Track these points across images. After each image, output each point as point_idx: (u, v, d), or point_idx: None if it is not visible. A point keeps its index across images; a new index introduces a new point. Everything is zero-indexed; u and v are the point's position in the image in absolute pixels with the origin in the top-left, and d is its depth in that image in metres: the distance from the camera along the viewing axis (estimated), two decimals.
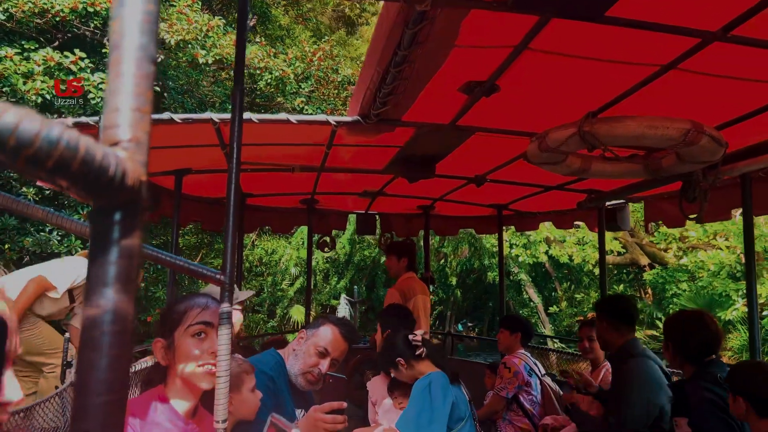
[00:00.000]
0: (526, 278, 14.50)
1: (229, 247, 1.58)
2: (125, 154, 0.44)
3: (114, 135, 0.44)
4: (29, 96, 7.52)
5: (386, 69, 2.31)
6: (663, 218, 4.29)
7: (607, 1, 1.76)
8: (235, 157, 1.60)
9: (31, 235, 7.73)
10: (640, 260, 13.48)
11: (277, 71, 11.50)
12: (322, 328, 2.50)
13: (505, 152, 3.60)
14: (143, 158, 0.46)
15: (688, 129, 2.48)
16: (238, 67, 1.85)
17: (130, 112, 0.45)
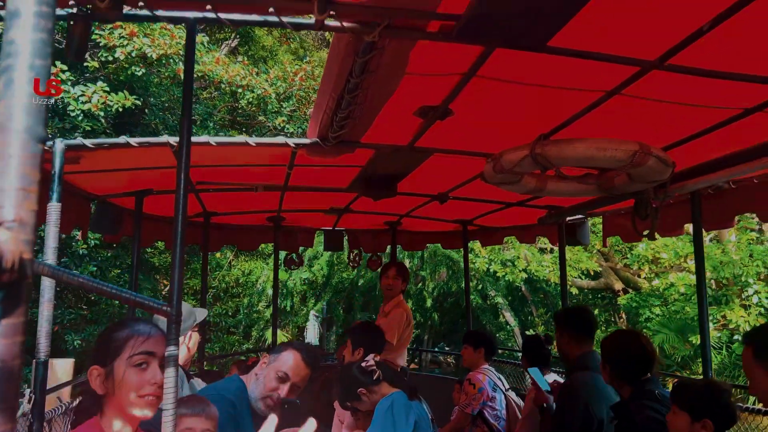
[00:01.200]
0: (503, 301, 14.42)
1: (176, 277, 1.58)
2: (8, 234, 0.46)
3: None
4: None
5: (341, 95, 2.35)
6: (620, 233, 4.39)
7: (548, 32, 1.83)
8: (183, 185, 1.60)
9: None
10: (615, 285, 13.56)
11: (259, 89, 11.53)
12: (284, 353, 2.50)
13: (464, 171, 3.66)
14: (28, 236, 0.47)
15: (636, 150, 2.56)
16: (187, 93, 1.86)
17: (14, 192, 0.47)
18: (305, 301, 15.27)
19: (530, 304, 15.42)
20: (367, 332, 3.79)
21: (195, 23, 1.74)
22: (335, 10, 1.74)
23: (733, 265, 10.43)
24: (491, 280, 14.08)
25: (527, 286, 14.62)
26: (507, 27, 1.80)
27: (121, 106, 8.37)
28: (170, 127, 10.11)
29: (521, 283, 14.03)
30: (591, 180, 3.09)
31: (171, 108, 10.45)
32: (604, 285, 13.84)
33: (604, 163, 2.68)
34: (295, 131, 12.02)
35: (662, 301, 12.07)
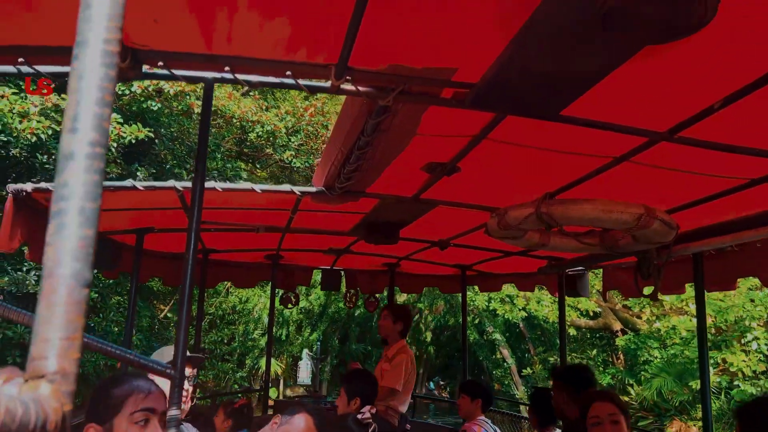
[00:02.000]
0: (501, 338, 14.26)
1: (180, 341, 1.56)
2: (50, 388, 0.45)
3: (41, 367, 0.45)
4: (24, 134, 7.40)
5: (350, 150, 2.36)
6: (620, 288, 4.39)
7: (561, 104, 1.85)
8: (192, 249, 1.60)
9: (8, 274, 7.44)
10: (613, 325, 13.43)
11: (269, 125, 11.64)
12: (297, 417, 2.49)
13: (467, 221, 3.66)
14: (69, 387, 0.46)
15: (641, 213, 2.57)
16: (201, 151, 1.86)
17: (59, 342, 0.46)
18: (301, 331, 15.12)
19: (528, 341, 15.22)
20: (363, 381, 3.73)
21: (213, 83, 1.76)
22: (351, 76, 1.76)
23: (734, 309, 10.39)
24: (489, 316, 13.94)
25: (525, 323, 14.46)
26: (521, 98, 1.82)
27: (134, 138, 8.41)
28: (178, 157, 10.12)
29: (519, 320, 13.90)
30: (594, 238, 3.09)
31: (180, 138, 10.49)
32: (602, 325, 13.67)
33: (609, 225, 2.69)
34: (301, 165, 12.07)
35: (661, 344, 11.94)
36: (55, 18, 1.51)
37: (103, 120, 0.51)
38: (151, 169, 9.50)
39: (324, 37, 1.61)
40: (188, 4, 1.46)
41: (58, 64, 1.66)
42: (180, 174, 9.77)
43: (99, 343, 1.47)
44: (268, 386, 5.94)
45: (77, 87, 0.50)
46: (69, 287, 0.47)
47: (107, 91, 0.51)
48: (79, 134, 0.49)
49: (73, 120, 0.49)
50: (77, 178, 0.49)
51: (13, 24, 1.49)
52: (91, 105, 0.50)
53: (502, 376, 14.63)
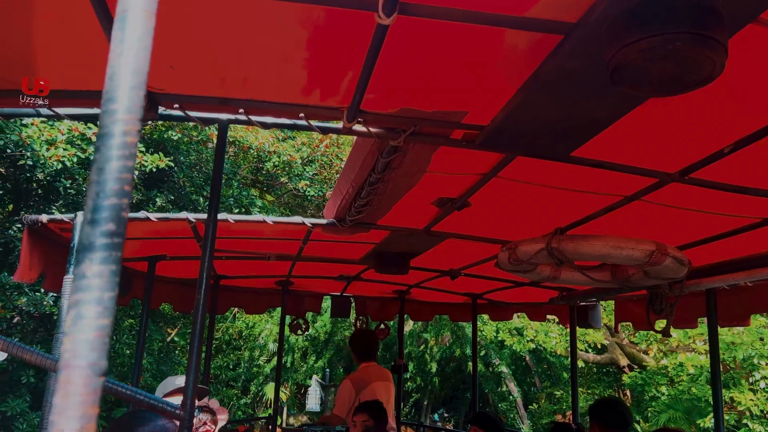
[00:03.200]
0: (507, 371, 13.99)
1: (190, 383, 1.57)
2: None
3: None
4: (50, 162, 7.57)
5: (361, 185, 2.38)
6: (632, 320, 4.34)
7: (570, 146, 1.86)
8: (202, 299, 1.61)
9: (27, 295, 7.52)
10: (620, 361, 13.17)
11: (285, 155, 11.85)
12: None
13: (477, 253, 3.66)
14: None
15: (653, 251, 2.56)
16: (215, 190, 1.89)
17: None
18: (306, 358, 14.98)
19: (534, 375, 15.00)
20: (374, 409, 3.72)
21: (227, 125, 1.79)
22: (363, 118, 1.79)
23: (742, 347, 10.21)
24: (496, 348, 13.75)
25: (532, 356, 14.25)
26: (530, 140, 1.83)
27: (155, 167, 8.55)
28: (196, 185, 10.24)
29: (526, 352, 13.70)
30: (606, 272, 3.08)
31: (198, 166, 10.63)
32: (609, 360, 13.41)
33: (620, 261, 2.68)
34: (315, 194, 12.19)
35: (668, 381, 11.72)
36: (76, 62, 1.56)
37: (122, 210, 0.53)
38: (170, 196, 9.60)
39: (337, 81, 1.64)
40: (203, 51, 1.50)
41: (78, 106, 1.70)
42: (197, 201, 9.86)
43: (111, 384, 1.48)
44: (277, 413, 5.90)
45: (97, 179, 0.52)
46: (85, 378, 0.48)
47: (126, 182, 0.53)
48: (98, 226, 0.51)
49: (93, 211, 0.51)
50: (95, 269, 0.50)
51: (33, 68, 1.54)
52: (111, 197, 0.52)
53: (508, 410, 14.35)
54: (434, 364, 14.18)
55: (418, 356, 14.34)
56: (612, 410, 3.30)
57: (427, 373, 14.42)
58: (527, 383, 15.19)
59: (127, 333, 9.36)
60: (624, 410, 3.34)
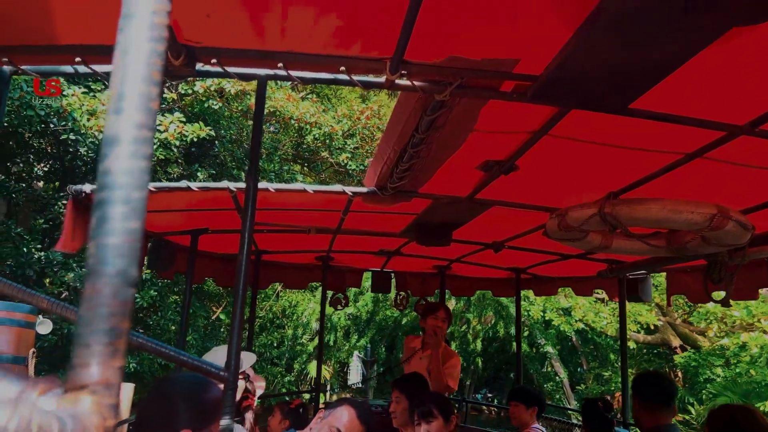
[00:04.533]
0: (553, 351, 13.62)
1: (234, 343, 1.53)
2: (91, 400, 0.39)
3: (82, 377, 0.40)
4: (90, 132, 7.63)
5: (404, 148, 2.30)
6: (686, 292, 4.16)
7: (630, 96, 1.73)
8: (245, 253, 1.56)
9: (74, 271, 7.67)
10: (672, 341, 12.65)
11: (326, 127, 11.67)
12: (339, 409, 2.46)
13: (523, 223, 3.54)
14: (113, 400, 0.41)
15: (714, 214, 2.41)
16: (254, 147, 1.83)
17: (102, 347, 0.40)
18: (348, 337, 15.06)
19: (581, 355, 14.63)
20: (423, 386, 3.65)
21: (266, 81, 1.72)
22: (407, 70, 1.69)
23: None
24: (541, 328, 13.48)
25: (578, 336, 13.91)
26: (587, 90, 1.71)
27: (195, 137, 8.62)
28: (237, 159, 10.26)
29: (572, 333, 13.40)
30: (660, 240, 2.93)
31: (239, 141, 10.63)
32: (659, 340, 12.91)
33: (678, 226, 2.53)
34: (356, 168, 12.06)
35: (724, 362, 11.26)
36: (112, 16, 1.51)
37: (151, 100, 0.46)
38: (211, 170, 9.66)
39: (379, 29, 1.55)
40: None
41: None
42: (239, 176, 9.88)
43: (153, 344, 1.45)
44: (319, 389, 5.93)
45: (122, 63, 0.45)
46: (113, 287, 0.42)
47: (155, 68, 0.46)
48: (124, 115, 0.44)
49: (118, 99, 0.44)
50: (122, 164, 0.43)
51: (70, 22, 1.49)
52: (138, 83, 0.45)
53: (553, 390, 14.09)
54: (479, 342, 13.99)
55: (461, 336, 14.16)
56: (654, 384, 3.16)
57: (470, 353, 14.28)
58: (573, 364, 14.87)
59: (172, 309, 9.54)
60: (667, 384, 3.20)
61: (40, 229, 7.85)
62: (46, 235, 8.10)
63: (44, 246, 7.77)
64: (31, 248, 7.46)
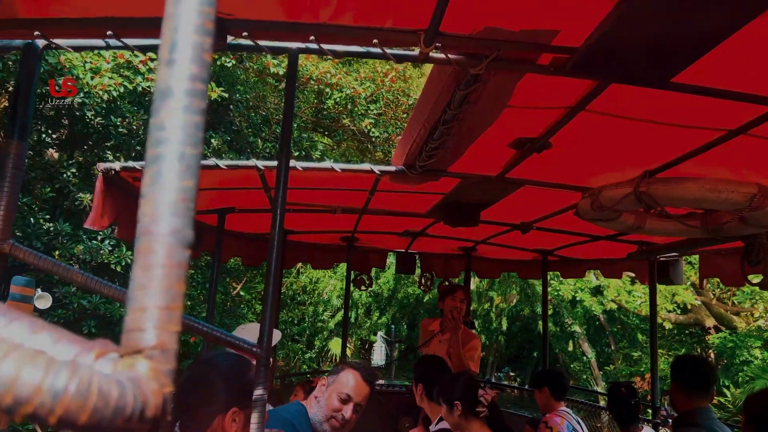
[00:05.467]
0: (581, 331, 13.32)
1: (267, 319, 1.52)
2: (148, 365, 0.37)
3: (137, 340, 0.38)
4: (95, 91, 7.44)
5: (435, 125, 2.25)
6: (720, 275, 4.06)
7: (673, 69, 1.67)
8: (277, 236, 1.54)
9: (83, 243, 7.54)
10: (705, 321, 12.27)
11: (348, 89, 10.86)
12: (343, 374, 2.44)
13: (553, 203, 3.48)
14: (170, 366, 0.39)
15: (754, 194, 2.34)
16: (286, 122, 1.81)
17: (157, 311, 0.38)
18: (369, 314, 15.01)
19: (608, 335, 14.35)
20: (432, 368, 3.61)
21: (297, 54, 1.69)
22: (442, 42, 1.65)
23: None
24: (568, 307, 13.25)
25: (606, 316, 13.65)
26: (628, 63, 1.65)
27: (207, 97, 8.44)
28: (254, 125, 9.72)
29: (600, 312, 13.16)
30: (695, 220, 2.85)
31: (256, 106, 10.05)
32: (692, 320, 12.55)
33: (716, 206, 2.47)
34: (379, 135, 11.43)
35: (763, 344, 10.91)
36: None
37: (204, 50, 0.43)
38: (225, 137, 9.08)
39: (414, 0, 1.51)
40: None
41: (146, 36, 1.64)
42: (255, 143, 9.27)
43: (186, 319, 1.44)
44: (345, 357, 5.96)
45: (174, 11, 0.43)
46: (168, 247, 0.40)
47: (209, 17, 0.43)
48: (177, 67, 0.41)
49: (170, 50, 0.42)
50: (175, 118, 0.41)
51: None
52: (190, 32, 0.42)
53: (580, 371, 13.88)
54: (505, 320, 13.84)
55: (484, 314, 14.05)
56: (693, 369, 3.10)
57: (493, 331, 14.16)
58: (601, 344, 14.61)
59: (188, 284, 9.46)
60: (707, 370, 3.13)
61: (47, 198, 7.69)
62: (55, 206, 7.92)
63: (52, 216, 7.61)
64: (38, 218, 7.31)
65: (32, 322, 0.36)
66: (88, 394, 0.31)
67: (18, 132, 1.50)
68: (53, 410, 0.30)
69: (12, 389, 0.29)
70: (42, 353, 0.31)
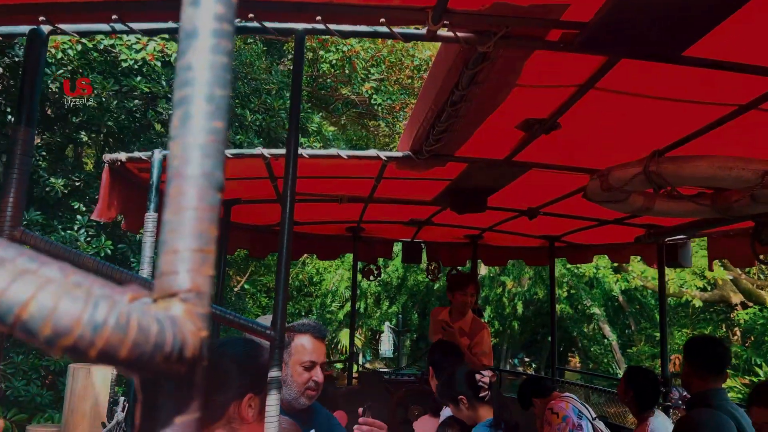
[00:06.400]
0: (600, 312, 12.74)
1: (280, 302, 1.51)
2: (183, 308, 0.37)
3: (171, 284, 0.37)
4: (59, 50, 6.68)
5: (442, 107, 2.24)
6: (729, 257, 4.04)
7: (686, 41, 1.64)
8: (288, 218, 1.53)
9: (57, 233, 7.01)
10: (731, 298, 11.71)
11: (345, 46, 9.81)
12: (295, 343, 2.34)
13: (561, 186, 3.46)
14: (205, 309, 0.38)
15: (766, 171, 2.31)
16: (294, 106, 1.80)
17: (191, 254, 0.37)
18: (379, 304, 14.65)
19: (628, 316, 13.79)
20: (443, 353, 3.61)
21: (304, 35, 1.68)
22: (450, 20, 1.63)
23: None
24: (586, 288, 12.75)
25: (624, 296, 13.12)
26: (639, 36, 1.63)
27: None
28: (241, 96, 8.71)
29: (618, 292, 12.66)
30: (705, 200, 2.83)
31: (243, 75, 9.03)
32: (718, 297, 11.89)
33: (727, 184, 2.44)
34: (383, 102, 10.64)
35: None
36: None
37: None
38: None
39: None
40: None
41: (152, 20, 1.63)
42: (243, 114, 8.49)
43: None
44: (353, 359, 5.97)
45: None
46: (200, 188, 0.39)
47: None
48: (202, 7, 0.41)
49: None
50: (203, 59, 0.40)
51: None
52: None
53: (601, 354, 13.40)
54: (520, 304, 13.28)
55: (496, 300, 13.66)
56: (706, 350, 3.09)
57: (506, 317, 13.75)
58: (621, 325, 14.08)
59: None
60: (721, 351, 3.12)
61: None
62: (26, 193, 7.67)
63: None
64: None
65: (64, 266, 0.35)
66: (128, 327, 0.30)
67: (25, 118, 1.49)
68: (94, 342, 0.29)
69: (51, 320, 0.28)
70: (79, 286, 0.30)
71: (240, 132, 8.33)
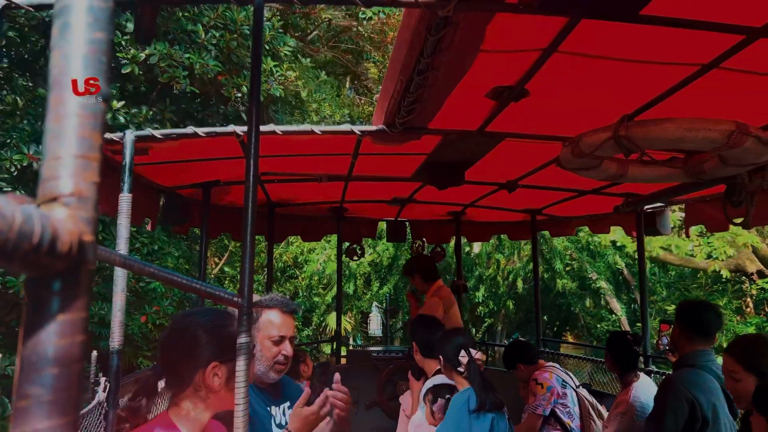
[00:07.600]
0: (607, 286, 12.11)
1: (247, 267, 1.52)
2: (65, 211, 0.37)
3: (53, 188, 0.38)
4: None
5: (410, 77, 2.24)
6: (705, 222, 4.09)
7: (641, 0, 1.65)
8: (252, 173, 1.53)
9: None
10: (747, 267, 11.07)
11: None
12: (263, 318, 2.31)
13: (537, 157, 3.48)
14: (89, 214, 0.39)
15: (732, 131, 2.33)
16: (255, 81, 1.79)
17: (72, 159, 0.38)
18: (369, 285, 14.24)
19: (634, 289, 13.20)
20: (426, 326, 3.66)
21: (263, 5, 1.67)
22: None
23: None
24: (590, 260, 12.19)
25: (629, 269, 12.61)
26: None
27: None
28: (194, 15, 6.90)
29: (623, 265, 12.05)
30: (677, 164, 2.86)
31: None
32: (733, 266, 11.19)
33: (695, 145, 2.47)
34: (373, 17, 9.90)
35: None
36: None
37: None
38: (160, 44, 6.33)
39: None
40: None
41: None
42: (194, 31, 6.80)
43: (161, 272, 1.44)
44: (340, 341, 5.99)
45: None
46: (82, 100, 0.40)
47: None
48: None
49: None
50: None
51: None
52: None
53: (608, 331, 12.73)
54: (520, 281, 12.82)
55: (490, 279, 13.22)
56: (698, 315, 3.15)
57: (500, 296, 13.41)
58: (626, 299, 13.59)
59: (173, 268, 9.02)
60: (712, 316, 3.17)
61: None
62: None
63: None
64: None
65: None
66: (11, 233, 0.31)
67: None
68: None
69: None
70: None
71: (190, 51, 6.58)
